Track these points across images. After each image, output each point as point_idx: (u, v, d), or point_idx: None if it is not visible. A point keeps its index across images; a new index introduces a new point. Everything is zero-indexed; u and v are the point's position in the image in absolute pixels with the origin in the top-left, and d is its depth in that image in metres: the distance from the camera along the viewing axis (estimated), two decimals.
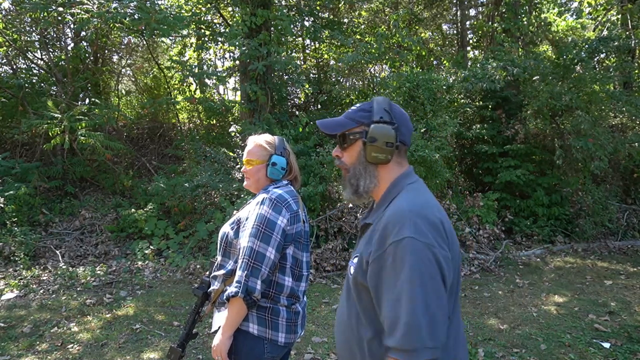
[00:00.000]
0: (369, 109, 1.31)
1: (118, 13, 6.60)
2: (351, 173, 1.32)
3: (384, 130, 1.25)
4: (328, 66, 11.13)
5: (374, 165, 1.29)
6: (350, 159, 1.33)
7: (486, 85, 7.32)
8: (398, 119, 1.30)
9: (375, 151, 1.26)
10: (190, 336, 1.92)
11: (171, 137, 10.30)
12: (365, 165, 1.29)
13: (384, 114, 1.28)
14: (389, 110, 1.29)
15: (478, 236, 6.59)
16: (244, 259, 1.69)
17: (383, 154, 1.26)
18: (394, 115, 1.30)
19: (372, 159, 1.27)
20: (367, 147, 1.27)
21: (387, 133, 1.25)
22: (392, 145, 1.26)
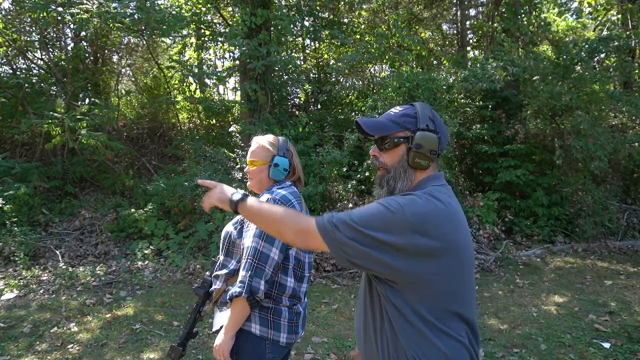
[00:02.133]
0: (413, 115, 1.35)
1: (118, 13, 6.60)
2: (391, 174, 1.36)
3: (430, 138, 1.31)
4: (328, 66, 11.14)
5: (414, 169, 1.35)
6: (391, 161, 1.37)
7: (486, 85, 7.32)
8: (440, 128, 1.36)
9: (419, 157, 1.31)
10: (191, 335, 1.92)
11: (171, 137, 10.30)
12: (405, 169, 1.35)
13: (429, 122, 1.33)
14: (433, 119, 1.35)
15: (478, 236, 6.60)
16: (247, 259, 1.69)
17: (425, 160, 1.32)
18: (437, 124, 1.35)
19: (414, 164, 1.32)
20: (412, 152, 1.32)
21: (433, 141, 1.31)
22: (436, 153, 1.32)
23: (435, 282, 1.22)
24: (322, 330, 4.10)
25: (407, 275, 1.20)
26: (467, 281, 1.28)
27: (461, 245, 1.23)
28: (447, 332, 1.24)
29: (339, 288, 5.34)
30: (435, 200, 1.22)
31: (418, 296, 1.23)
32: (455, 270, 1.23)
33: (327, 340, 3.85)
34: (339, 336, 3.94)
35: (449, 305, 1.24)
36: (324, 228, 1.22)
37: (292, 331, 1.79)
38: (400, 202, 1.20)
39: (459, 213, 1.28)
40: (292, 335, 1.79)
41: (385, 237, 1.18)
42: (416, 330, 1.23)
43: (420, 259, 1.19)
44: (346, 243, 1.19)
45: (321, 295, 5.04)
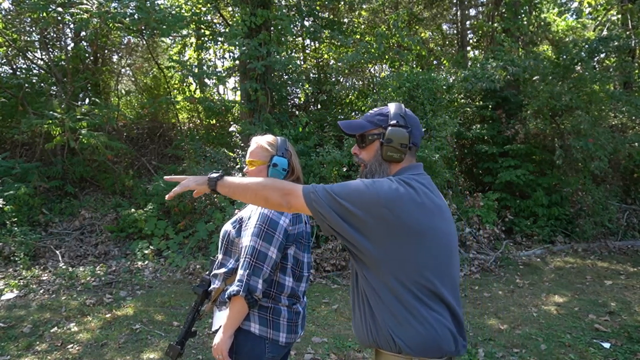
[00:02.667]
0: (386, 114, 1.49)
1: (118, 13, 6.60)
2: (368, 169, 1.49)
3: (399, 133, 1.44)
4: (328, 66, 11.13)
5: (388, 162, 1.47)
6: (368, 157, 1.50)
7: (486, 85, 7.32)
8: (411, 123, 1.48)
9: (391, 151, 1.44)
10: (190, 334, 1.92)
11: (171, 137, 10.29)
12: (380, 162, 1.47)
13: (399, 119, 1.46)
14: (404, 115, 1.48)
15: (478, 236, 6.59)
16: (246, 257, 1.70)
17: (397, 153, 1.44)
18: (408, 119, 1.48)
19: (387, 157, 1.45)
20: (384, 147, 1.44)
21: (402, 135, 1.44)
22: (406, 146, 1.44)
23: (404, 262, 1.29)
24: (322, 330, 4.10)
25: (374, 251, 1.30)
26: (443, 268, 1.34)
27: (430, 231, 1.31)
28: (424, 311, 1.29)
29: (339, 288, 5.34)
30: (406, 185, 1.33)
31: (389, 274, 1.30)
32: (424, 253, 1.30)
33: (327, 340, 3.85)
34: (339, 336, 3.94)
35: (426, 285, 1.30)
36: (307, 192, 1.34)
37: (291, 331, 1.79)
38: (375, 181, 1.35)
39: (431, 200, 1.36)
40: (291, 334, 1.79)
41: (355, 209, 1.28)
42: (390, 307, 1.31)
43: (386, 236, 1.28)
44: (324, 208, 1.31)
45: (321, 295, 5.04)
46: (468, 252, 6.28)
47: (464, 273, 5.82)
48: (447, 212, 1.43)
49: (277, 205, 1.39)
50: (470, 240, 6.37)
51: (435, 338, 1.28)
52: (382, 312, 1.32)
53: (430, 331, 1.28)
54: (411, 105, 7.28)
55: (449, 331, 1.31)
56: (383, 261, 1.30)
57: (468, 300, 4.91)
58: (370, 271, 1.34)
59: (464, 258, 6.09)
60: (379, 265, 1.31)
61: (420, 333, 1.28)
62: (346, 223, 1.30)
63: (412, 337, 1.28)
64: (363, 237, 1.30)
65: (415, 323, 1.28)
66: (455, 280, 1.39)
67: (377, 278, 1.32)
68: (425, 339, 1.28)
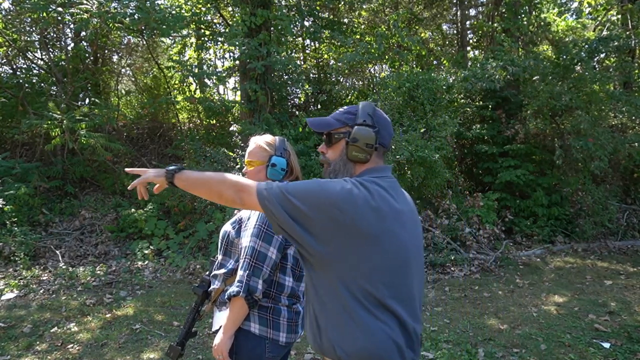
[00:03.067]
0: (354, 112, 1.44)
1: (118, 13, 6.60)
2: (331, 168, 1.45)
3: (365, 132, 1.39)
4: (328, 66, 11.13)
5: (353, 163, 1.42)
6: (334, 156, 1.46)
7: (486, 85, 7.32)
8: (380, 123, 1.43)
9: (356, 151, 1.39)
10: (190, 334, 1.92)
11: (171, 137, 10.29)
12: (345, 162, 1.43)
13: (367, 118, 1.41)
14: (372, 115, 1.42)
15: (478, 236, 6.59)
16: (245, 258, 1.70)
17: (363, 153, 1.39)
18: (376, 119, 1.43)
19: (352, 157, 1.40)
20: (349, 146, 1.39)
21: (368, 135, 1.38)
22: (372, 146, 1.39)
23: (352, 266, 1.25)
24: None
25: (322, 252, 1.26)
26: (396, 277, 1.28)
27: (383, 236, 1.26)
28: (367, 319, 1.24)
29: None
30: (362, 187, 1.28)
31: (335, 278, 1.26)
32: (374, 259, 1.25)
33: None
34: None
35: (372, 292, 1.25)
36: (261, 189, 1.31)
37: (291, 330, 1.79)
38: (329, 180, 1.31)
39: (389, 205, 1.30)
40: (291, 334, 1.79)
41: (305, 208, 1.25)
42: (333, 313, 1.27)
43: (334, 237, 1.24)
44: (275, 206, 1.27)
45: None
46: (468, 252, 6.28)
47: (464, 273, 5.82)
48: (409, 219, 1.36)
49: (231, 202, 1.36)
50: (470, 240, 6.38)
51: (376, 348, 1.23)
52: (325, 318, 1.29)
53: (371, 341, 1.23)
54: (411, 105, 7.28)
55: (394, 343, 1.25)
56: (330, 264, 1.26)
57: (468, 300, 4.91)
58: (317, 274, 1.30)
59: (464, 258, 6.09)
60: (325, 268, 1.27)
61: (360, 342, 1.23)
62: (295, 222, 1.26)
63: (352, 346, 1.24)
64: (311, 238, 1.25)
65: (357, 331, 1.23)
66: (411, 291, 1.32)
67: (323, 282, 1.29)
68: (366, 348, 1.23)
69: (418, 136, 6.56)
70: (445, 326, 4.16)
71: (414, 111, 7.29)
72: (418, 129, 6.86)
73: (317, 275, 1.30)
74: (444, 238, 6.32)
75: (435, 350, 3.64)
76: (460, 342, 3.79)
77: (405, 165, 6.47)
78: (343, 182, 1.29)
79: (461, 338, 3.88)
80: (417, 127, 6.91)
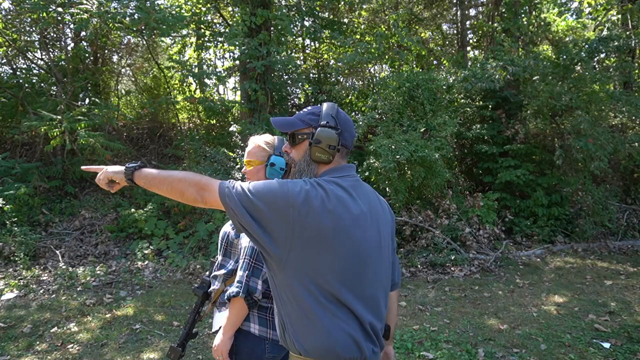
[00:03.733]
0: (317, 113, 1.46)
1: (117, 13, 6.60)
2: (297, 168, 1.48)
3: (328, 134, 1.40)
4: (328, 66, 11.14)
5: (316, 163, 1.45)
6: (298, 156, 1.48)
7: (486, 85, 7.31)
8: (342, 124, 1.45)
9: (319, 152, 1.41)
10: (190, 335, 1.92)
11: (171, 137, 10.29)
12: (308, 163, 1.45)
13: (330, 119, 1.43)
14: (335, 117, 1.44)
15: (478, 236, 6.59)
16: (245, 258, 1.70)
17: (325, 154, 1.41)
18: (339, 121, 1.45)
19: (315, 158, 1.42)
20: (312, 147, 1.42)
21: (331, 137, 1.40)
22: (334, 148, 1.40)
23: (308, 264, 1.28)
24: None
25: (279, 251, 1.28)
26: (352, 275, 1.31)
27: (339, 235, 1.28)
28: (323, 316, 1.28)
29: None
30: (319, 187, 1.31)
31: (292, 276, 1.29)
32: (330, 257, 1.28)
33: None
34: None
35: (328, 289, 1.28)
36: (223, 187, 1.32)
37: None
38: (289, 181, 1.33)
39: (345, 205, 1.32)
40: None
41: (264, 207, 1.26)
42: (292, 310, 1.31)
43: (291, 237, 1.26)
44: (236, 204, 1.28)
45: None
46: (468, 252, 6.28)
47: (464, 273, 5.82)
48: (368, 219, 1.38)
49: (193, 200, 1.36)
50: (470, 240, 6.37)
51: (332, 343, 1.27)
52: (285, 315, 1.33)
53: (328, 337, 1.27)
54: (411, 105, 7.28)
55: (351, 337, 1.29)
56: (287, 262, 1.29)
57: (468, 300, 4.91)
58: (276, 272, 1.33)
59: (464, 258, 6.09)
60: (282, 267, 1.30)
61: (316, 338, 1.28)
62: (254, 221, 1.28)
63: (310, 342, 1.29)
64: (269, 237, 1.28)
65: (313, 328, 1.28)
66: (367, 286, 1.35)
67: (281, 280, 1.32)
68: (322, 344, 1.28)
69: (418, 136, 6.56)
70: (445, 326, 4.16)
71: (414, 111, 7.29)
72: (418, 129, 6.86)
73: (276, 275, 1.33)
74: (444, 238, 6.32)
75: (435, 350, 3.64)
76: (460, 342, 3.79)
77: (405, 165, 6.47)
78: (302, 182, 1.32)
79: (461, 338, 3.88)
80: (417, 127, 6.91)
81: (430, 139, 6.75)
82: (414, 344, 3.76)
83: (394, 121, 7.21)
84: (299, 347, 1.31)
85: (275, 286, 1.35)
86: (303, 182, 1.32)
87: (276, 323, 1.42)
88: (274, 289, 1.37)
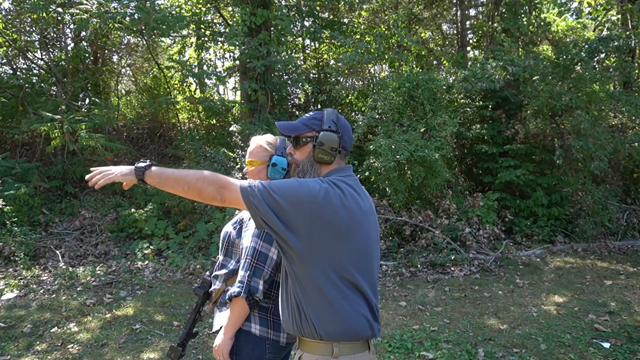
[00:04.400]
0: (320, 118, 1.60)
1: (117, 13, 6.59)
2: (300, 168, 1.60)
3: (330, 137, 1.55)
4: (328, 66, 11.13)
5: (319, 164, 1.58)
6: (301, 157, 1.61)
7: (486, 85, 7.31)
8: (342, 128, 1.60)
9: (322, 153, 1.55)
10: (191, 335, 1.92)
11: (171, 137, 10.29)
12: (312, 164, 1.58)
13: (332, 124, 1.58)
14: (336, 121, 1.59)
15: (478, 236, 6.59)
16: (246, 259, 1.70)
17: (328, 156, 1.55)
18: (340, 125, 1.60)
19: (318, 159, 1.56)
20: (316, 149, 1.55)
21: (333, 140, 1.55)
22: (336, 150, 1.56)
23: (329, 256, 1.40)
24: None
25: (301, 246, 1.38)
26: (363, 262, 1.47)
27: (353, 229, 1.43)
28: (343, 301, 1.41)
29: None
30: (335, 186, 1.44)
31: (314, 268, 1.40)
32: (347, 248, 1.42)
33: None
34: None
35: (347, 277, 1.42)
36: (245, 186, 1.40)
37: None
38: (307, 180, 1.45)
39: (356, 201, 1.47)
40: (292, 335, 1.79)
41: (287, 205, 1.36)
42: (313, 299, 1.41)
43: (313, 232, 1.37)
44: (259, 201, 1.36)
45: None
46: (468, 252, 6.29)
47: (463, 273, 5.82)
48: (371, 213, 1.55)
49: (211, 199, 1.41)
50: (470, 240, 6.37)
51: (352, 325, 1.41)
52: (305, 303, 1.43)
53: (348, 319, 1.41)
54: (411, 105, 7.28)
55: (365, 318, 1.44)
56: (309, 256, 1.39)
57: (468, 300, 4.91)
58: (297, 265, 1.42)
59: (464, 258, 6.10)
60: (304, 260, 1.40)
61: (339, 321, 1.40)
62: (277, 218, 1.36)
63: (332, 326, 1.40)
64: (291, 233, 1.37)
65: (334, 312, 1.40)
66: (373, 273, 1.52)
67: (303, 271, 1.42)
68: (344, 326, 1.41)
69: (418, 136, 6.56)
70: (445, 326, 4.16)
71: (414, 111, 7.29)
72: (418, 129, 6.86)
73: (298, 268, 1.43)
74: (444, 238, 6.32)
75: (435, 350, 3.64)
76: (460, 342, 3.79)
77: (405, 165, 6.47)
78: (319, 181, 1.44)
79: (461, 338, 3.88)
80: (417, 127, 6.91)
81: (430, 139, 6.75)
82: (414, 344, 3.76)
83: (394, 121, 7.21)
84: (321, 332, 1.41)
85: (296, 277, 1.44)
86: (320, 181, 1.44)
87: (287, 315, 1.50)
88: (294, 281, 1.45)
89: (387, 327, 4.15)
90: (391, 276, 5.75)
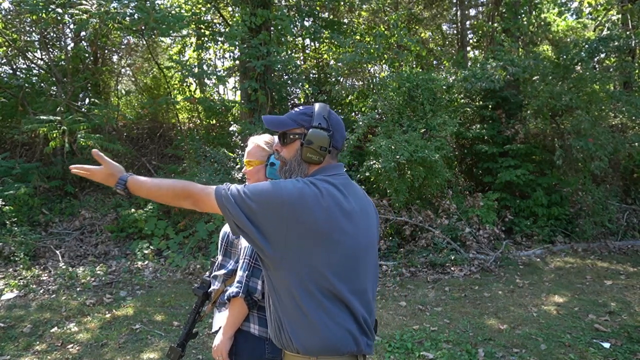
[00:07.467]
0: (310, 114, 1.47)
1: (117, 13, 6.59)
2: (287, 167, 1.49)
3: (320, 135, 1.42)
4: (328, 66, 11.13)
5: (307, 163, 1.46)
6: (288, 155, 1.49)
7: (486, 85, 7.31)
8: (334, 126, 1.46)
9: (310, 152, 1.42)
10: (190, 336, 1.92)
11: (171, 137, 10.29)
12: (299, 163, 1.46)
13: (322, 121, 1.44)
14: (327, 118, 1.45)
15: (478, 236, 6.59)
16: (245, 259, 1.70)
17: (316, 155, 1.42)
18: (331, 122, 1.46)
19: (306, 158, 1.43)
20: (304, 148, 1.43)
21: (323, 138, 1.42)
22: (325, 149, 1.42)
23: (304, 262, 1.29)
24: None
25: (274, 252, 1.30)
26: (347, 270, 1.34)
27: (334, 233, 1.31)
28: (321, 312, 1.29)
29: None
30: (312, 186, 1.33)
31: (288, 275, 1.31)
32: (326, 254, 1.30)
33: None
34: None
35: (325, 285, 1.30)
36: (219, 191, 1.35)
37: None
38: (281, 181, 1.36)
39: (337, 202, 1.35)
40: None
41: (259, 209, 1.29)
42: (289, 308, 1.32)
43: (287, 236, 1.28)
44: (233, 206, 1.31)
45: None
46: (468, 252, 6.28)
47: (464, 273, 5.82)
48: (360, 215, 1.41)
49: (191, 204, 1.41)
50: (470, 240, 6.37)
51: (331, 340, 1.29)
52: (282, 313, 1.34)
53: (326, 333, 1.29)
54: (411, 105, 7.27)
55: (348, 332, 1.32)
56: (283, 261, 1.31)
57: (468, 300, 4.91)
58: (272, 272, 1.35)
59: (464, 258, 6.09)
60: (279, 266, 1.32)
61: (316, 335, 1.29)
62: (251, 222, 1.30)
63: (308, 339, 1.30)
64: (262, 236, 1.30)
65: (311, 325, 1.29)
66: (362, 283, 1.39)
67: (278, 279, 1.34)
68: (322, 340, 1.29)
69: (418, 136, 6.56)
70: (445, 326, 4.16)
71: (414, 111, 7.29)
72: (418, 129, 6.86)
73: (273, 275, 1.35)
74: (444, 238, 6.32)
75: (435, 350, 3.64)
76: (460, 342, 3.79)
77: (405, 166, 6.47)
78: (295, 181, 1.35)
79: (461, 338, 3.88)
80: (417, 127, 6.91)
81: (430, 139, 6.75)
82: (414, 344, 3.76)
83: (394, 121, 7.21)
84: (297, 345, 1.31)
85: (272, 286, 1.36)
86: (296, 181, 1.35)
87: (270, 326, 1.43)
88: (271, 289, 1.38)
89: (387, 327, 4.15)
90: (391, 276, 5.75)
